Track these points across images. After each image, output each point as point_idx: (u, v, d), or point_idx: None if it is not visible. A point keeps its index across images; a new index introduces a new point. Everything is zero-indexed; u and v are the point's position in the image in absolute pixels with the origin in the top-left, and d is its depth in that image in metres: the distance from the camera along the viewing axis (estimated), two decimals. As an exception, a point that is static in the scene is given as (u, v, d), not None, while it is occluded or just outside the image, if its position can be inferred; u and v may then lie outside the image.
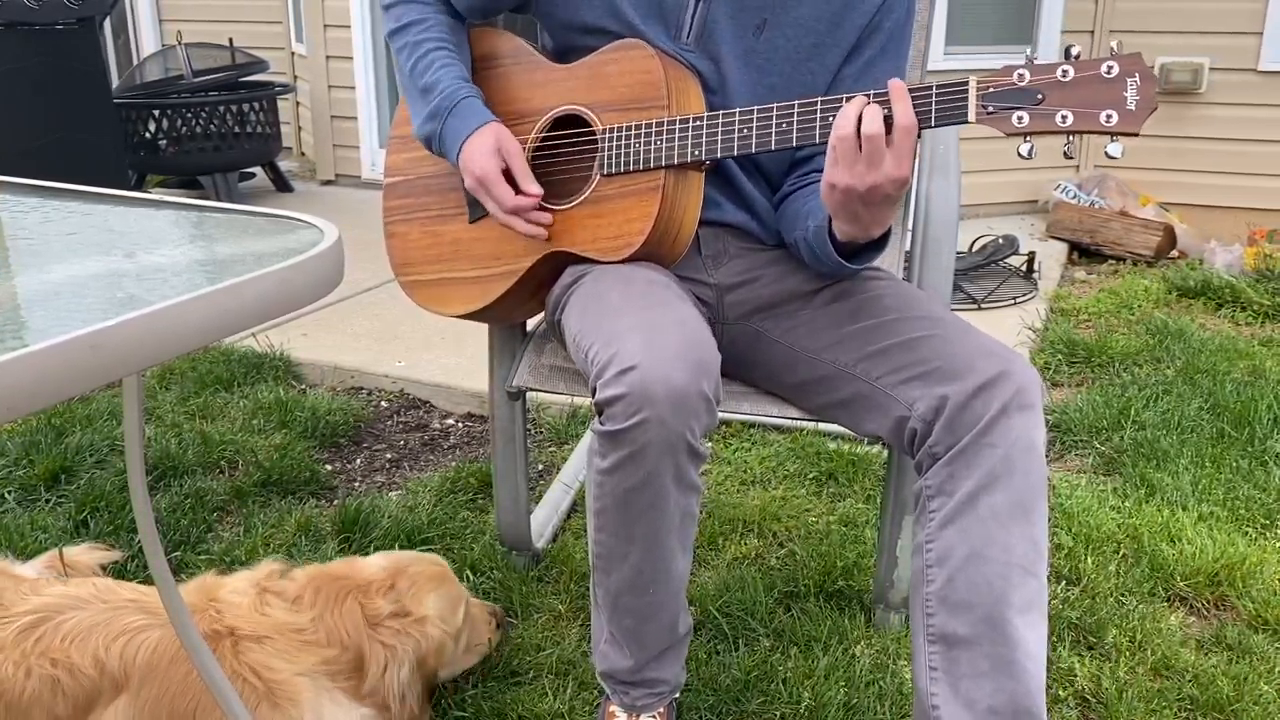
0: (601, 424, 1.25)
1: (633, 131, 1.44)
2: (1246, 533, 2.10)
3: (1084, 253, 4.10)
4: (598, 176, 1.48)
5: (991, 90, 1.22)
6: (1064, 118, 1.20)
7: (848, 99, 1.27)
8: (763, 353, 1.55)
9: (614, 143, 1.46)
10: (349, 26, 4.97)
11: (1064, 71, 1.20)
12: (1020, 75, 1.21)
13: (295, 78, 5.62)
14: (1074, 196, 4.27)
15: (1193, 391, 2.69)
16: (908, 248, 1.75)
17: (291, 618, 1.43)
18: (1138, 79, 1.17)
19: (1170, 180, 4.34)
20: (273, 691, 1.33)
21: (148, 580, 1.60)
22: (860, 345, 1.42)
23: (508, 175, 1.49)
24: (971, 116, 1.24)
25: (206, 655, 1.20)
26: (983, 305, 3.37)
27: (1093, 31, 4.31)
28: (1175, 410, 2.57)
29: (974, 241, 3.73)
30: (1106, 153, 1.20)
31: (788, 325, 1.52)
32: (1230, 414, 2.54)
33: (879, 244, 1.39)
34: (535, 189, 1.48)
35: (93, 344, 0.69)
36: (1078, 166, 4.48)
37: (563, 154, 1.55)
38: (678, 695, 1.55)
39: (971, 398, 1.28)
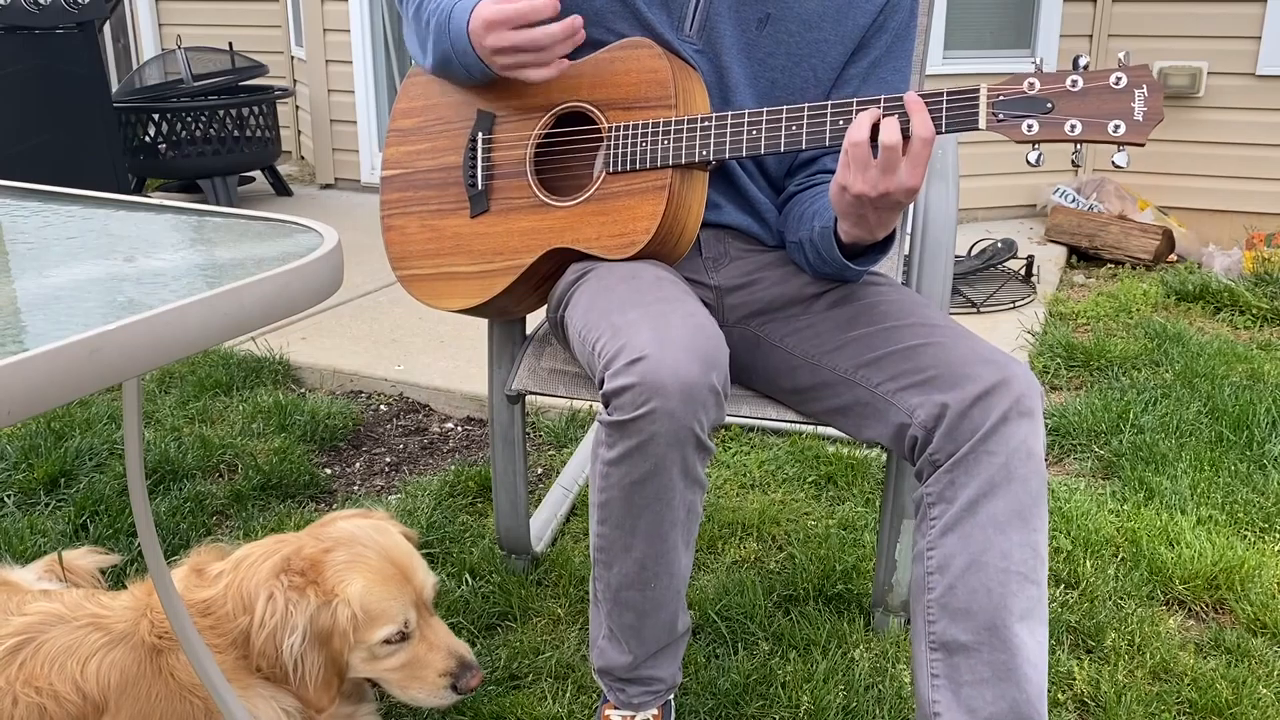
0: (609, 414, 1.25)
1: (640, 130, 1.45)
2: (1245, 536, 2.10)
3: (1082, 257, 4.10)
4: (603, 174, 1.48)
5: (1002, 98, 1.24)
6: (1073, 127, 1.22)
7: (859, 105, 1.28)
8: (762, 357, 1.56)
9: (621, 140, 1.46)
10: (348, 31, 4.98)
11: (1073, 81, 1.21)
12: (1030, 84, 1.23)
13: (294, 82, 5.63)
14: (1072, 201, 4.27)
15: (1191, 395, 2.69)
16: (906, 252, 1.75)
17: (203, 594, 1.36)
18: (1145, 90, 1.19)
19: (1168, 184, 4.35)
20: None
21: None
22: (860, 351, 1.43)
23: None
24: (982, 124, 1.25)
25: (208, 659, 1.20)
26: (981, 309, 3.37)
27: (1091, 36, 4.32)
28: (1174, 414, 2.57)
29: (972, 245, 3.74)
30: (1113, 162, 1.23)
31: (787, 330, 1.53)
32: (1229, 417, 2.54)
33: (883, 246, 1.40)
34: None
35: (92, 348, 0.69)
36: (1076, 171, 4.48)
37: (567, 150, 1.55)
38: (674, 696, 1.55)
39: (971, 405, 1.29)
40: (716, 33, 1.49)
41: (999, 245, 3.69)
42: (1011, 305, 3.43)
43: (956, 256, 3.26)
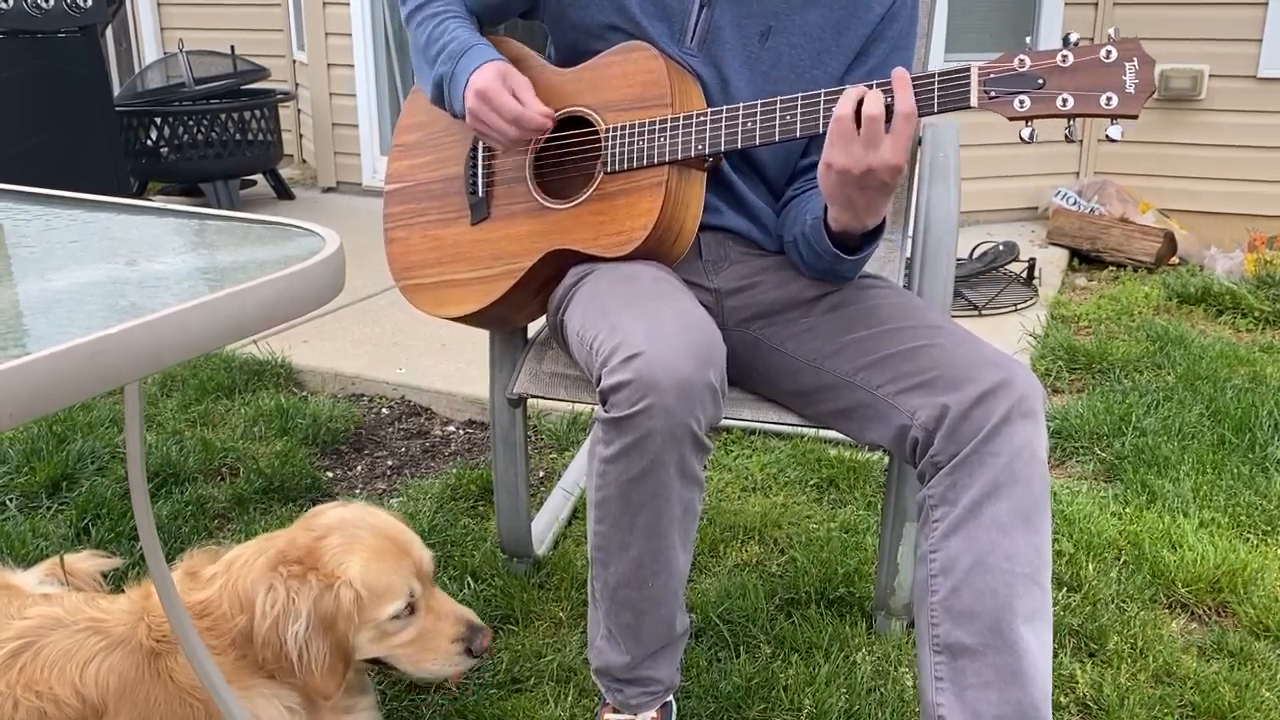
0: (606, 411, 1.25)
1: (636, 129, 1.45)
2: (1247, 539, 2.10)
3: (1084, 259, 4.10)
4: (601, 174, 1.49)
5: (993, 76, 1.24)
6: (1065, 101, 1.22)
7: (850, 87, 1.29)
8: (762, 360, 1.56)
9: (618, 141, 1.47)
10: (350, 34, 4.98)
11: (1064, 57, 1.22)
12: (1021, 61, 1.24)
13: (296, 85, 5.63)
14: (1074, 203, 4.27)
15: (1193, 398, 2.69)
16: (908, 255, 1.75)
17: (199, 596, 1.36)
18: (1136, 63, 1.20)
19: (1170, 187, 4.34)
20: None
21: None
22: (860, 354, 1.43)
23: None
24: (974, 101, 1.25)
25: (208, 661, 1.20)
26: (983, 312, 3.37)
27: (1092, 39, 4.32)
28: (1176, 416, 2.57)
29: (974, 248, 3.74)
30: (1107, 135, 1.24)
31: (788, 333, 1.53)
32: (1231, 420, 2.54)
33: (873, 236, 1.40)
34: (543, 108, 1.46)
35: (94, 351, 0.69)
36: (1078, 173, 4.48)
37: (567, 155, 1.56)
38: (672, 697, 1.55)
39: (973, 407, 1.28)
40: (718, 45, 1.50)
41: (1000, 248, 3.69)
42: (1013, 308, 3.43)
43: (958, 259, 3.26)
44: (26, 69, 3.85)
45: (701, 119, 1.41)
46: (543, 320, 1.68)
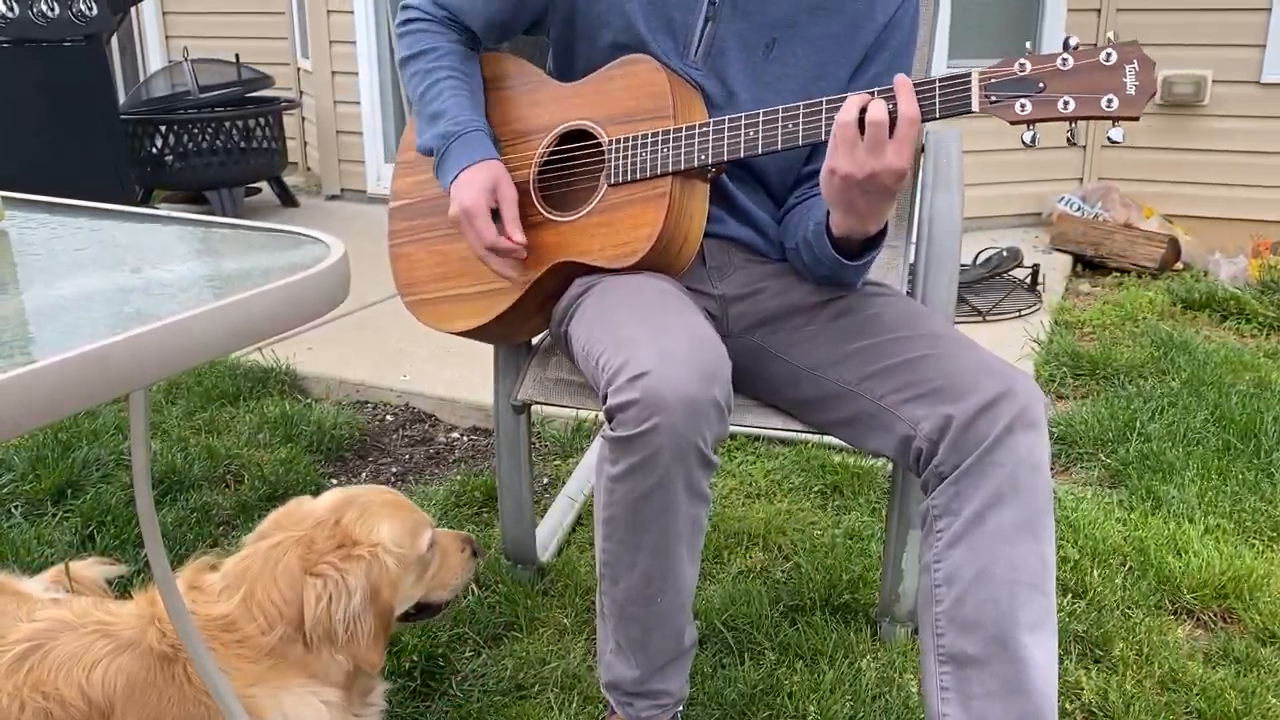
0: (613, 430, 1.25)
1: (639, 141, 1.45)
2: (1253, 545, 2.09)
3: (1088, 265, 4.10)
4: (605, 187, 1.49)
5: (994, 80, 1.25)
6: (1066, 104, 1.23)
7: (853, 94, 1.29)
8: (765, 368, 1.56)
9: (621, 153, 1.47)
10: (354, 42, 5.00)
11: (1064, 60, 1.23)
12: (1021, 65, 1.24)
13: (300, 93, 5.65)
14: (1077, 209, 4.27)
15: (1198, 403, 2.68)
16: (911, 261, 1.75)
17: (218, 609, 1.37)
18: (1136, 65, 1.21)
19: (1173, 192, 4.34)
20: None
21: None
22: (863, 363, 1.43)
23: (495, 217, 1.51)
24: (975, 106, 1.26)
25: (211, 664, 1.20)
26: (987, 318, 3.37)
27: (1095, 44, 4.32)
28: (1181, 422, 2.57)
29: (978, 254, 3.74)
30: (1109, 137, 1.25)
31: (791, 341, 1.53)
32: (1236, 426, 2.54)
33: (875, 242, 1.40)
34: (519, 237, 1.49)
35: (100, 359, 0.69)
36: (1081, 179, 4.48)
37: (569, 168, 1.56)
38: (681, 708, 1.55)
39: (976, 417, 1.28)
40: (724, 59, 1.50)
41: (1004, 254, 3.69)
42: (1017, 314, 3.42)
43: (962, 265, 3.26)
44: (31, 77, 3.86)
45: (704, 129, 1.42)
46: (546, 330, 1.68)
